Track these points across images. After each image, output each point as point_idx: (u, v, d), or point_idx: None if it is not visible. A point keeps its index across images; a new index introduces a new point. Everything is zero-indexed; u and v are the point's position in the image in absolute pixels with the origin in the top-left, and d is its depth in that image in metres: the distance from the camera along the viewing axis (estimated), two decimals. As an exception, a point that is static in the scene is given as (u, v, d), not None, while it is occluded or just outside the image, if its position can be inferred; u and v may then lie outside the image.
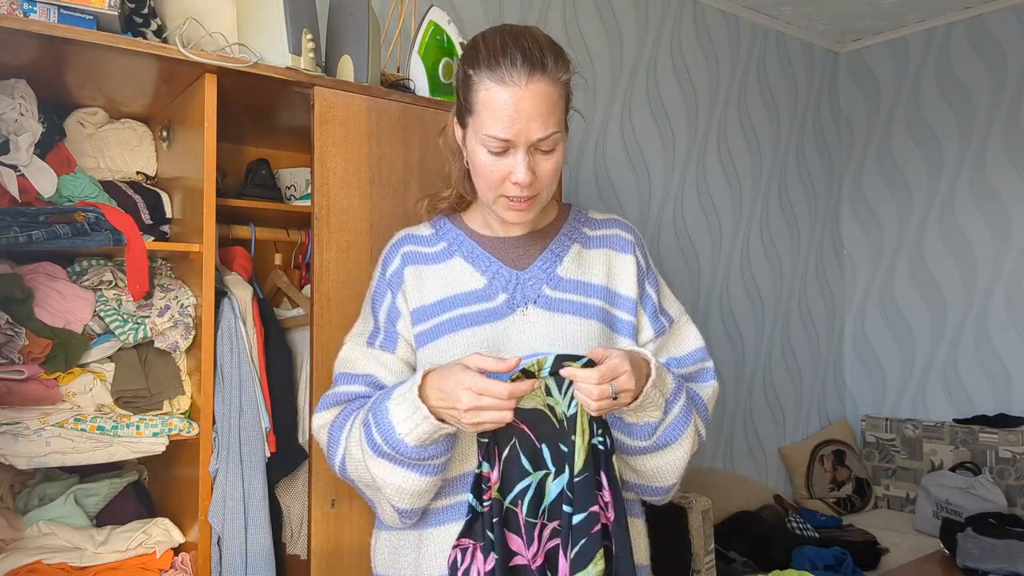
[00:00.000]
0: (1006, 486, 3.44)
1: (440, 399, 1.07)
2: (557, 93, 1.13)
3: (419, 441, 1.09)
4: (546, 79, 1.11)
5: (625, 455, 1.20)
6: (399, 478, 1.13)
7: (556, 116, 1.13)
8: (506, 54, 1.10)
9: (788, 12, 3.85)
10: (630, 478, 1.23)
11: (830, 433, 4.04)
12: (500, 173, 1.14)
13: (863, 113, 4.26)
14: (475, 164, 1.17)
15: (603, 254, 1.29)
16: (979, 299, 3.81)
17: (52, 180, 1.65)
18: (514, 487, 1.11)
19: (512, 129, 1.10)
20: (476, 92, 1.13)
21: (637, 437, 1.17)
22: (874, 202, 4.20)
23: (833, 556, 2.91)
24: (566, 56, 1.16)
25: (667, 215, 3.48)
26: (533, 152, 1.13)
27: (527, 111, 1.09)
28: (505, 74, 1.09)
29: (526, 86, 1.09)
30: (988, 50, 3.80)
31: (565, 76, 1.14)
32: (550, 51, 1.13)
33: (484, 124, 1.12)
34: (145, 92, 1.77)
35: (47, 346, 1.55)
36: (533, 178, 1.13)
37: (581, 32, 3.20)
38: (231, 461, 1.64)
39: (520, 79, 1.09)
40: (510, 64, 1.09)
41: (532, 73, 1.09)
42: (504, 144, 1.11)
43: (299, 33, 1.67)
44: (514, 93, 1.09)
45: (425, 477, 1.13)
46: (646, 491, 1.25)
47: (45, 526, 1.60)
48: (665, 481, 1.22)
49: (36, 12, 1.43)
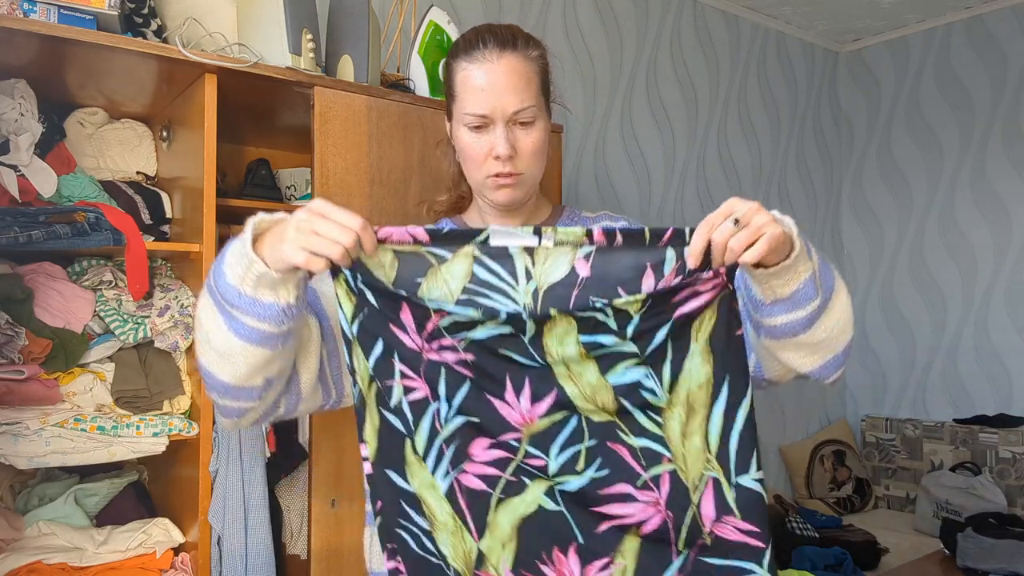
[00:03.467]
0: (1006, 486, 3.44)
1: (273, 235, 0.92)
2: (531, 69, 1.18)
3: (237, 276, 0.91)
4: (517, 55, 1.17)
5: (797, 335, 0.98)
6: (210, 319, 0.96)
7: (531, 91, 1.17)
8: (479, 38, 1.18)
9: (788, 12, 3.85)
10: (805, 363, 1.02)
11: (830, 433, 4.04)
12: (482, 150, 1.17)
13: (863, 113, 4.26)
14: (460, 148, 1.20)
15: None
16: (979, 299, 3.81)
17: (52, 180, 1.65)
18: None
19: (487, 104, 1.14)
20: (455, 77, 1.19)
21: (805, 301, 0.95)
22: (874, 202, 4.20)
23: (833, 556, 2.91)
24: (540, 43, 1.22)
25: (667, 215, 3.48)
26: (512, 127, 1.16)
27: (500, 84, 1.14)
28: (478, 54, 1.16)
29: (497, 60, 1.15)
30: (988, 50, 3.80)
31: (536, 52, 1.19)
32: (521, 35, 1.19)
33: (463, 104, 1.17)
34: (145, 92, 1.77)
35: (47, 346, 1.55)
36: (513, 152, 1.16)
37: (581, 32, 3.20)
38: (231, 461, 1.64)
39: (492, 55, 1.15)
40: (483, 45, 1.16)
41: (503, 50, 1.16)
42: (482, 119, 1.15)
43: (299, 33, 1.67)
44: (486, 68, 1.15)
45: (231, 334, 0.93)
46: (829, 367, 1.04)
47: (45, 526, 1.60)
48: (846, 335, 1.03)
49: (36, 12, 1.43)
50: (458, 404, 0.94)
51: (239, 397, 0.98)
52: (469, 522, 0.95)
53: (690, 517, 0.93)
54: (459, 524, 0.96)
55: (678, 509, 0.93)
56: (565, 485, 0.94)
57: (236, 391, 0.98)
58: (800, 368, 1.04)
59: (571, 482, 0.94)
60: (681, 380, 0.92)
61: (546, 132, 1.21)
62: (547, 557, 0.95)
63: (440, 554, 0.96)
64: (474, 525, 0.95)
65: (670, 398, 0.92)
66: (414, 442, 0.95)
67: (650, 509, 0.94)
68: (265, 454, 1.71)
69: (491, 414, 0.93)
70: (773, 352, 1.03)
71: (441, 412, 0.94)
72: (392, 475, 0.96)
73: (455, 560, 0.96)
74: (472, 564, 0.96)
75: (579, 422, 0.93)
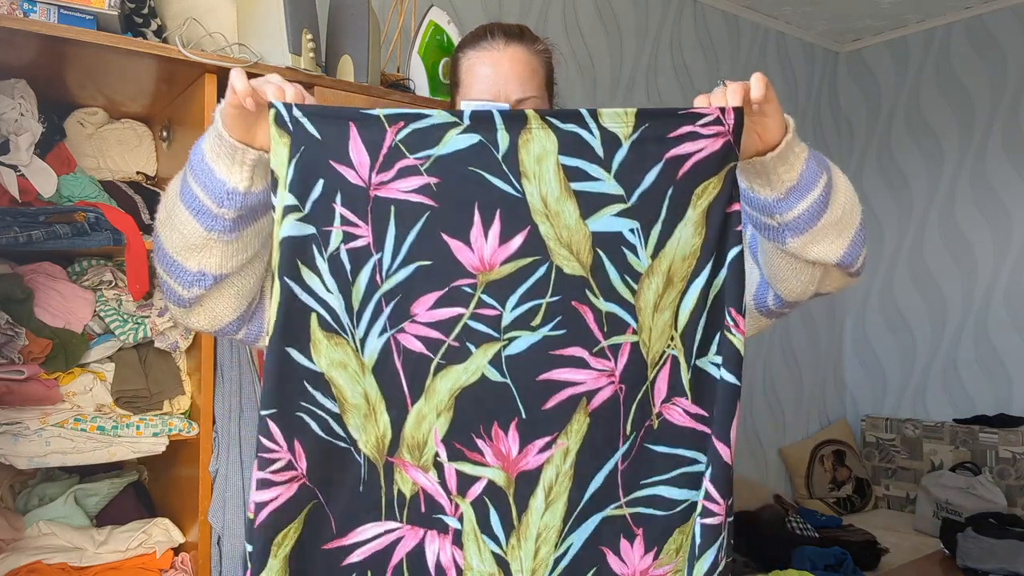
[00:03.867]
0: (1006, 486, 3.44)
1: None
2: (536, 61, 1.20)
3: (207, 145, 0.92)
4: (523, 46, 1.19)
5: (820, 218, 0.95)
6: (172, 183, 0.98)
7: (535, 82, 1.18)
8: (486, 30, 1.21)
9: (788, 12, 3.85)
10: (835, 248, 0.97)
11: (830, 433, 4.04)
12: None
13: (863, 113, 4.26)
14: None
15: None
16: (979, 299, 3.81)
17: (52, 180, 1.65)
18: None
19: (492, 89, 1.16)
20: (461, 66, 1.21)
21: (814, 178, 0.95)
22: (874, 202, 4.20)
23: (833, 556, 2.91)
24: (546, 42, 1.24)
25: (667, 215, 3.48)
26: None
27: (505, 72, 1.16)
28: (485, 43, 1.19)
29: (504, 50, 1.17)
30: (988, 50, 3.80)
31: (541, 46, 1.22)
32: (528, 31, 1.22)
33: (468, 90, 1.19)
34: (145, 92, 1.77)
35: (47, 346, 1.55)
36: None
37: (581, 32, 3.20)
38: (231, 461, 1.64)
39: (498, 44, 1.18)
40: (490, 37, 1.19)
41: (509, 41, 1.18)
42: None
43: (299, 33, 1.67)
44: (493, 56, 1.17)
45: (179, 196, 0.94)
46: (855, 246, 1.00)
47: (45, 526, 1.60)
48: (858, 208, 1.02)
49: (36, 12, 1.43)
50: (407, 248, 0.84)
51: (172, 273, 0.96)
52: (404, 386, 0.87)
53: (641, 393, 0.89)
54: (374, 403, 0.87)
55: (631, 384, 0.89)
56: (514, 345, 0.86)
57: (171, 264, 0.95)
58: (831, 257, 0.99)
59: (521, 339, 0.86)
60: (668, 247, 0.86)
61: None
62: (484, 431, 0.88)
63: (350, 438, 0.88)
64: (408, 389, 0.87)
65: (651, 264, 0.86)
66: (330, 311, 0.86)
67: (602, 379, 0.88)
68: (265, 454, 1.71)
69: (445, 256, 0.84)
70: (802, 252, 0.99)
71: (384, 264, 0.85)
72: (294, 353, 0.86)
73: (366, 445, 0.88)
74: (384, 449, 0.88)
75: (547, 271, 0.85)
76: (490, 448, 0.88)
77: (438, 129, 0.82)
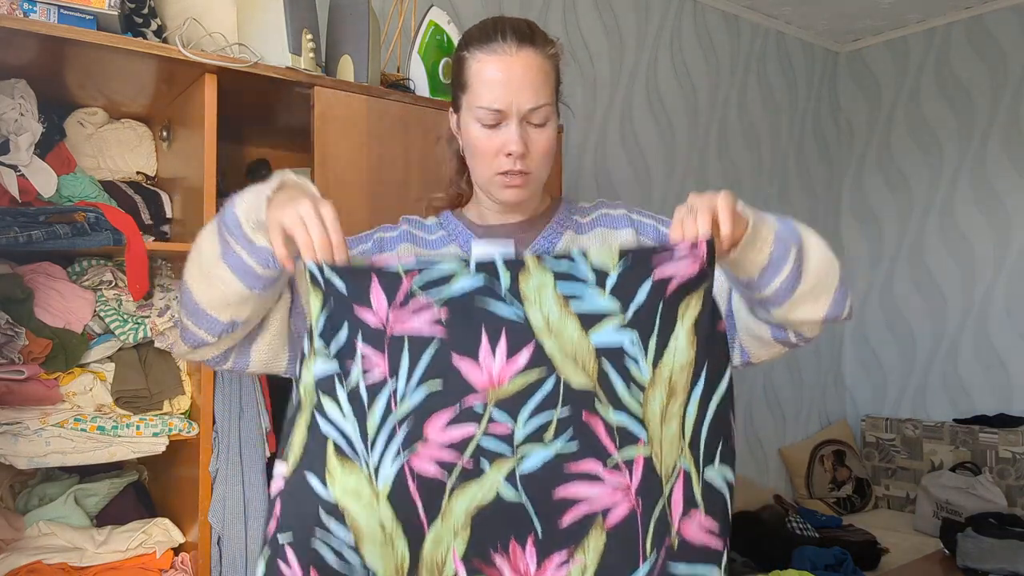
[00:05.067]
0: (1006, 486, 3.44)
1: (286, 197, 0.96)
2: (548, 65, 1.16)
3: (244, 213, 0.97)
4: (535, 50, 1.14)
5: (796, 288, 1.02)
6: (207, 240, 1.01)
7: (547, 89, 1.15)
8: (496, 29, 1.15)
9: (788, 12, 3.85)
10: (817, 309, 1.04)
11: (830, 433, 4.04)
12: (494, 146, 1.15)
13: (863, 113, 4.26)
14: (469, 142, 1.18)
15: (596, 234, 1.28)
16: (979, 299, 3.81)
17: (52, 180, 1.65)
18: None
19: (504, 99, 1.12)
20: (468, 67, 1.16)
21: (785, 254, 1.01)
22: (874, 202, 4.20)
23: (833, 556, 2.91)
24: (555, 42, 1.20)
25: (667, 215, 3.47)
26: (525, 125, 1.14)
27: (518, 79, 1.12)
28: (496, 45, 1.13)
29: (516, 54, 1.13)
30: (988, 50, 3.80)
31: (552, 50, 1.17)
32: (538, 30, 1.18)
33: (477, 96, 1.14)
34: (145, 92, 1.77)
35: (47, 346, 1.55)
36: (526, 150, 1.14)
37: (581, 32, 3.20)
38: (231, 461, 1.64)
39: (510, 48, 1.13)
40: (500, 37, 1.14)
41: (522, 44, 1.13)
42: (497, 115, 1.13)
43: (299, 33, 1.67)
44: (505, 61, 1.12)
45: (221, 258, 0.98)
46: (838, 303, 1.06)
47: (45, 526, 1.60)
48: (835, 267, 1.06)
49: (36, 12, 1.43)
50: (420, 373, 0.89)
51: (202, 324, 1.01)
52: (420, 511, 0.89)
53: (659, 510, 0.89)
54: (391, 532, 0.89)
55: (647, 499, 0.89)
56: (528, 462, 0.89)
57: (203, 317, 1.00)
58: (816, 316, 1.06)
59: (535, 454, 0.88)
60: (666, 357, 0.89)
61: (556, 134, 1.19)
62: (502, 547, 0.89)
63: (366, 568, 0.89)
64: (425, 514, 0.89)
65: (653, 375, 0.89)
66: (345, 438, 0.89)
67: (618, 494, 0.89)
68: (265, 454, 1.71)
69: (455, 376, 0.88)
70: (787, 318, 1.05)
71: (398, 391, 0.89)
72: (312, 479, 0.89)
73: (385, 573, 0.89)
74: (404, 573, 0.90)
75: (555, 385, 0.89)
76: (508, 565, 0.90)
77: (448, 274, 0.89)
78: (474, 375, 0.88)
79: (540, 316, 0.88)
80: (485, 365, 0.88)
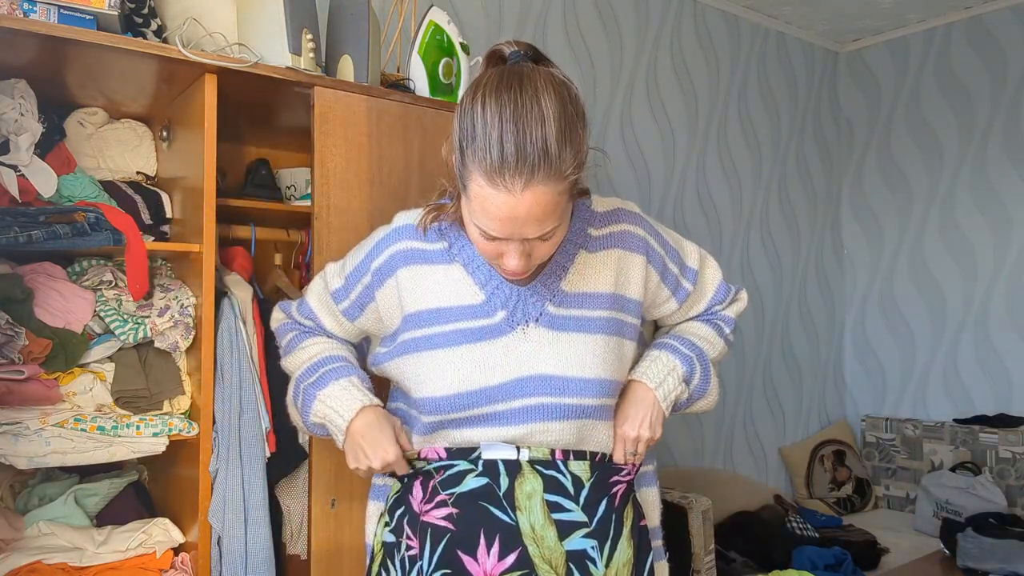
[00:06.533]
0: (1006, 486, 3.44)
1: (359, 437, 1.23)
2: (559, 190, 1.01)
3: (318, 419, 1.29)
4: (546, 182, 0.99)
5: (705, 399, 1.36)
6: (290, 398, 1.35)
7: (556, 213, 1.03)
8: (502, 153, 0.97)
9: (788, 12, 3.85)
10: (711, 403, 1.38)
11: (830, 433, 4.04)
12: (493, 252, 1.10)
13: (863, 113, 4.26)
14: (468, 231, 1.12)
15: (612, 255, 1.23)
16: (979, 299, 3.81)
17: (52, 180, 1.65)
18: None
19: (504, 231, 1.04)
20: (469, 178, 1.03)
21: (702, 390, 1.34)
22: (874, 202, 4.20)
23: (833, 556, 2.91)
24: (580, 136, 1.03)
25: (667, 215, 3.48)
26: (528, 242, 1.07)
27: (522, 216, 1.01)
28: (499, 178, 0.98)
29: (521, 193, 0.98)
30: (988, 50, 3.80)
31: (570, 168, 1.01)
32: (558, 140, 0.99)
33: (476, 215, 1.05)
34: (145, 92, 1.77)
35: (47, 346, 1.55)
36: (528, 263, 1.09)
37: (581, 32, 3.20)
38: (231, 461, 1.64)
39: (515, 185, 0.98)
40: (504, 167, 0.97)
41: (531, 179, 0.98)
42: (496, 237, 1.07)
43: (299, 33, 1.67)
44: (508, 200, 0.99)
45: (300, 417, 1.32)
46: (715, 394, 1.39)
47: (45, 526, 1.60)
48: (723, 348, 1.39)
49: (36, 12, 1.43)
50: (436, 559, 1.15)
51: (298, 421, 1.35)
52: None
53: None
54: None
55: None
56: None
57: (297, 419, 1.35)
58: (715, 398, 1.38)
59: None
60: (615, 557, 1.17)
61: (567, 223, 1.13)
62: None
63: None
64: None
65: (605, 572, 1.16)
66: None
67: None
68: (265, 454, 1.71)
69: (461, 568, 1.14)
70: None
71: (424, 569, 1.16)
72: None
73: None
74: None
75: None
76: None
77: (462, 473, 1.17)
78: (473, 568, 1.14)
79: (528, 523, 1.14)
80: (482, 562, 1.14)
